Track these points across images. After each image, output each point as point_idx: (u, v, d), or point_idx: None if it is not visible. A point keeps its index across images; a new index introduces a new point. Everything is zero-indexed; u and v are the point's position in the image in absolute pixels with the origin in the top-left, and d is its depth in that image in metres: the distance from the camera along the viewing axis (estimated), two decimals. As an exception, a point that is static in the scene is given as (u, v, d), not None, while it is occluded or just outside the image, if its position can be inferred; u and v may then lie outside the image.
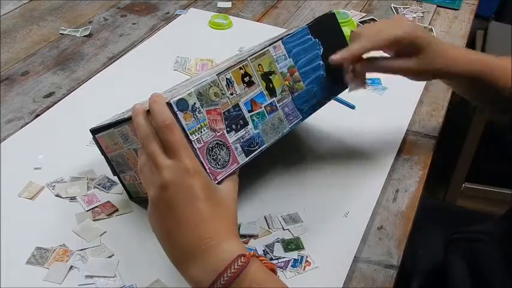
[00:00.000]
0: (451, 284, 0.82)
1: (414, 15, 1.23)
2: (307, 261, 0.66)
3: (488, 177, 1.78)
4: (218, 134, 0.59)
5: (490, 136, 1.66)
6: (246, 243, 0.67)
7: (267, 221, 0.70)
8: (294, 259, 0.66)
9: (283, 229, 0.69)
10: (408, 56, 0.74)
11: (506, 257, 0.75)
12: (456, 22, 1.23)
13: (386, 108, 0.93)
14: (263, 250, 0.67)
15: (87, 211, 0.70)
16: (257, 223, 0.70)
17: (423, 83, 1.00)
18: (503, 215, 0.85)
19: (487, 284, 0.77)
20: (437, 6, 1.29)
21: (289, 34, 0.70)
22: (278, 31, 1.07)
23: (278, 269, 0.64)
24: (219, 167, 0.58)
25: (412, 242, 0.72)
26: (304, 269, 0.65)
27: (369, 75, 1.01)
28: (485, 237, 0.82)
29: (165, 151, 0.53)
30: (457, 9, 1.28)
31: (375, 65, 0.76)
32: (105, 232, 0.68)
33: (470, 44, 1.67)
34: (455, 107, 1.07)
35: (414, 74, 0.77)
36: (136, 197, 0.71)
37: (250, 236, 0.68)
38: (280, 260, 0.65)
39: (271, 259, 0.66)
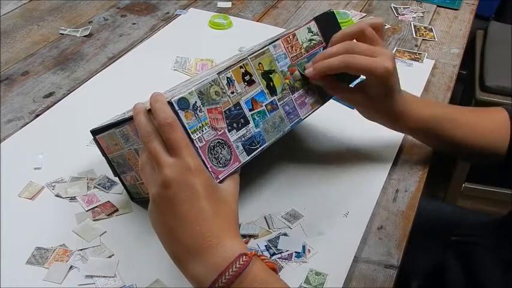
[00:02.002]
0: (447, 286, 0.82)
1: (414, 15, 1.23)
2: (308, 250, 0.67)
3: (488, 177, 1.78)
4: (219, 132, 0.58)
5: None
6: (246, 243, 0.67)
7: (266, 221, 0.70)
8: (296, 252, 0.66)
9: (290, 228, 0.69)
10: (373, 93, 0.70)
11: (502, 261, 0.76)
12: (456, 22, 1.23)
13: (386, 108, 0.93)
14: (265, 245, 0.67)
15: (87, 211, 0.70)
16: (257, 223, 0.70)
17: (423, 83, 1.00)
18: (500, 220, 0.85)
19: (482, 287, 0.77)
20: (437, 6, 1.29)
21: (288, 33, 0.70)
22: (278, 31, 1.07)
23: (283, 261, 0.65)
24: (220, 165, 0.58)
25: (412, 243, 0.72)
26: (306, 257, 0.66)
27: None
28: (482, 241, 0.82)
29: (166, 149, 0.53)
30: (457, 9, 1.28)
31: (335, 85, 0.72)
32: (105, 232, 0.68)
33: (470, 44, 1.67)
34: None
35: (364, 110, 0.75)
36: (138, 198, 0.71)
37: (250, 236, 0.68)
38: (283, 254, 0.66)
39: (274, 253, 0.66)
